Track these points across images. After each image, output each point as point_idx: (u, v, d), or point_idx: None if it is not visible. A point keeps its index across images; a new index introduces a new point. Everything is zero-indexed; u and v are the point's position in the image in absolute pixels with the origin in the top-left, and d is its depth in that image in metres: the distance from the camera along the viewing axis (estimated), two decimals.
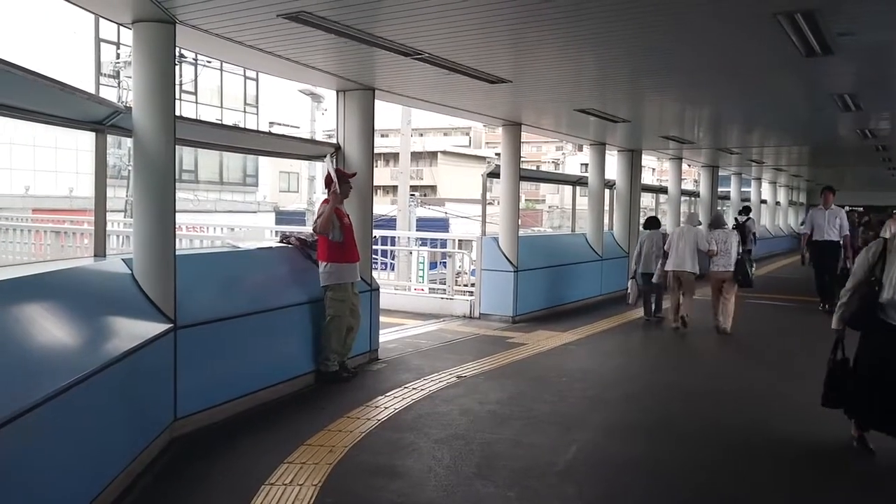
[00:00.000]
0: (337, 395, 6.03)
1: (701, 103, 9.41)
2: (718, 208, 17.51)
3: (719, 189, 19.16)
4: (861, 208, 25.21)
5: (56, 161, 27.75)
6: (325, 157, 7.47)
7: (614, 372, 7.35)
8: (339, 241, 6.40)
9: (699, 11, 4.79)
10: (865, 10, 4.66)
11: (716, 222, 9.65)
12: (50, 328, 3.65)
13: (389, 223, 18.91)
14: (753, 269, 9.71)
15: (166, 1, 4.54)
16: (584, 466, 4.65)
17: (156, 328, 4.62)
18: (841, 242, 10.96)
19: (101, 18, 6.91)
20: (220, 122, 28.11)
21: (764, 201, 24.94)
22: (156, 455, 4.51)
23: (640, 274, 10.14)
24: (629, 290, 10.26)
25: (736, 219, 15.48)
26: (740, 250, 9.25)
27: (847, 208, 29.45)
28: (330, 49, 5.87)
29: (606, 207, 13.54)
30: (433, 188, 48.37)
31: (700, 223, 10.03)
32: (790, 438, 5.27)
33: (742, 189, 22.18)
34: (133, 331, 4.44)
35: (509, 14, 4.89)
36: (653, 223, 10.43)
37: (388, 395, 6.06)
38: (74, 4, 4.78)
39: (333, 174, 6.46)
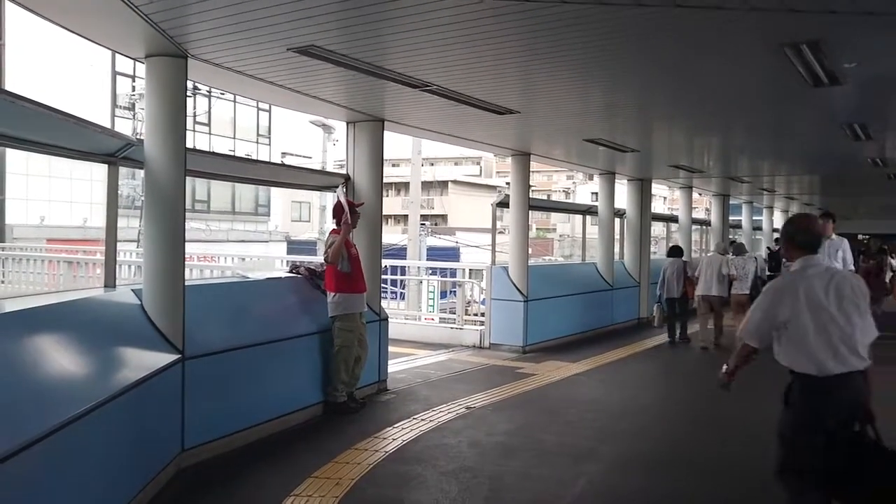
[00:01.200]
0: (345, 427, 5.99)
1: (710, 133, 9.44)
2: (739, 239, 18.36)
3: (731, 218, 19.10)
4: (868, 237, 25.07)
5: (71, 191, 28.09)
6: (335, 187, 7.54)
7: (624, 403, 7.27)
8: (346, 272, 6.41)
9: (706, 43, 4.83)
10: (870, 40, 4.68)
11: (737, 250, 10.91)
12: (59, 359, 3.67)
13: (400, 252, 18.94)
14: None
15: (179, 36, 4.63)
16: (594, 500, 4.58)
17: (164, 359, 4.62)
18: None
19: (116, 53, 7.06)
20: (232, 153, 28.44)
21: (777, 230, 24.80)
22: (163, 486, 4.48)
23: (665, 299, 10.62)
24: (655, 314, 10.93)
25: (768, 248, 15.58)
26: (759, 274, 10.20)
27: (861, 237, 29.32)
28: (339, 82, 5.95)
29: (617, 236, 13.52)
30: (444, 217, 48.50)
31: (727, 252, 10.93)
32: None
33: (753, 217, 22.10)
34: (141, 361, 4.45)
35: (517, 46, 4.95)
36: (676, 251, 11.23)
37: (396, 426, 6.02)
38: (90, 40, 4.89)
39: (345, 204, 6.50)
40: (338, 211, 6.56)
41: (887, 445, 3.34)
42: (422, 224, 21.38)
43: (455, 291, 11.65)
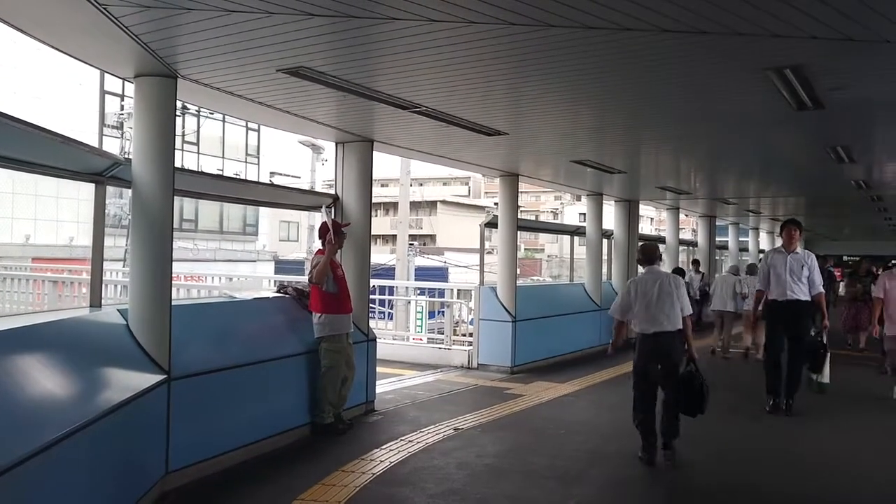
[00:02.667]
0: (332, 448, 5.94)
1: (696, 155, 9.54)
2: (727, 260, 20.36)
3: (717, 239, 19.24)
4: (858, 258, 25.26)
5: (57, 210, 27.89)
6: (325, 206, 7.53)
7: (613, 424, 7.24)
8: (332, 293, 6.39)
9: (692, 67, 4.89)
10: (853, 65, 4.76)
11: (750, 270, 11.98)
12: (42, 380, 3.62)
13: (388, 272, 18.91)
14: None
15: (168, 56, 4.64)
16: None
17: (149, 379, 4.58)
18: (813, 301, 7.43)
19: (105, 73, 7.05)
20: (221, 172, 28.39)
21: (762, 251, 24.98)
22: None
23: None
24: None
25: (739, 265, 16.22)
26: None
27: (846, 258, 29.52)
28: (329, 102, 5.97)
29: (605, 257, 13.57)
30: (432, 237, 48.51)
31: (738, 273, 12.20)
32: (796, 497, 5.17)
33: (740, 238, 22.27)
34: (126, 382, 4.40)
35: (505, 69, 5.00)
36: (678, 272, 11.59)
37: (383, 447, 5.97)
38: (79, 60, 4.89)
39: (330, 224, 6.49)
40: (323, 231, 6.55)
41: (699, 376, 5.75)
42: (410, 244, 21.37)
43: (443, 312, 11.64)
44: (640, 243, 7.51)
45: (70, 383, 3.86)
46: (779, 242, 7.95)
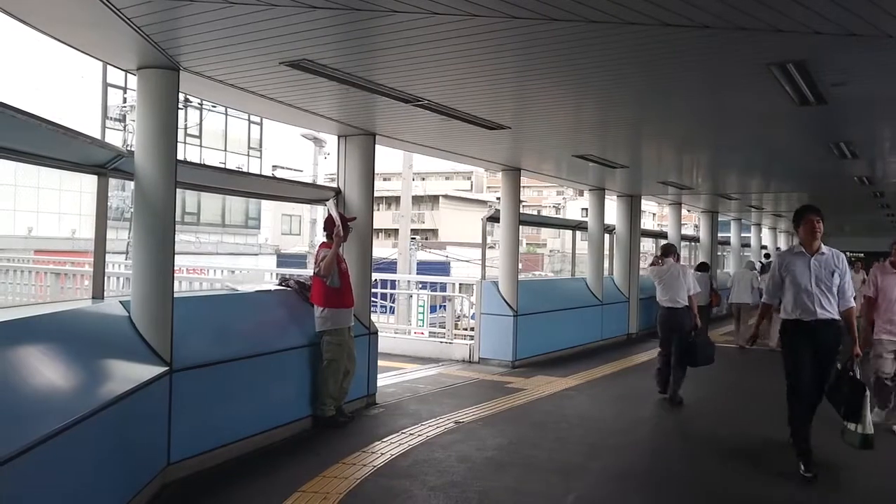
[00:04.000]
0: (333, 441, 5.96)
1: (698, 149, 9.52)
2: (728, 255, 21.54)
3: (719, 234, 19.23)
4: (862, 254, 25.23)
5: (60, 203, 27.93)
6: (326, 200, 7.54)
7: (614, 418, 7.27)
8: (336, 286, 6.40)
9: (695, 61, 4.88)
10: (856, 61, 4.75)
11: (768, 267, 12.71)
12: (43, 371, 3.64)
13: (390, 266, 18.93)
14: None
15: (171, 49, 4.64)
16: None
17: (151, 371, 4.59)
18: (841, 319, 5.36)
19: (108, 65, 7.05)
20: (223, 165, 28.41)
21: (764, 247, 24.99)
22: (148, 500, 4.44)
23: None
24: None
25: (760, 262, 16.49)
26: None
27: (849, 254, 29.54)
28: (331, 95, 5.98)
29: (606, 252, 13.57)
30: (434, 232, 48.54)
31: (755, 268, 13.44)
32: (802, 494, 5.19)
33: (742, 234, 22.25)
34: (128, 374, 4.41)
35: (508, 63, 4.99)
36: (703, 267, 12.78)
37: (384, 440, 6.00)
38: (82, 52, 4.89)
39: (337, 217, 6.50)
40: (329, 224, 6.56)
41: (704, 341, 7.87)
42: (412, 238, 21.38)
43: (445, 306, 11.64)
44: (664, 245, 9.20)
45: (72, 374, 3.87)
46: (783, 239, 7.72)
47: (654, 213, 53.17)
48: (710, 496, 5.02)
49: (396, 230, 21.19)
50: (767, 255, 20.82)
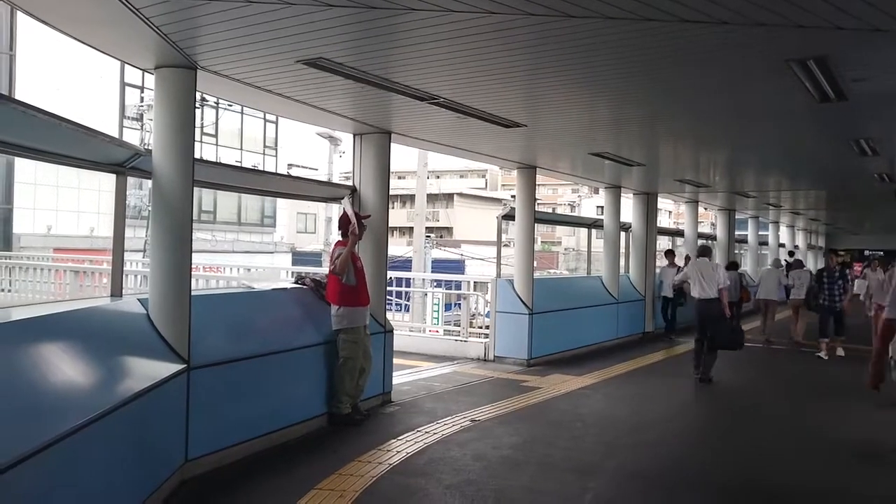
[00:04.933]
0: (349, 438, 5.97)
1: (716, 147, 9.44)
2: (744, 253, 21.67)
3: (736, 232, 19.08)
4: (882, 252, 24.91)
5: (78, 201, 28.19)
6: (341, 199, 7.55)
7: (630, 417, 7.23)
8: (352, 285, 6.41)
9: (713, 58, 4.84)
10: (878, 56, 4.68)
11: (796, 265, 13.63)
12: (64, 368, 3.67)
13: (405, 264, 18.95)
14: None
15: (188, 48, 4.67)
16: None
17: (169, 368, 4.62)
18: None
19: (126, 64, 7.09)
20: (239, 164, 28.55)
21: (782, 245, 24.77)
22: (166, 497, 4.47)
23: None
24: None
25: (785, 260, 16.50)
26: (813, 284, 11.76)
27: (868, 253, 29.18)
28: (347, 94, 5.98)
29: (622, 250, 13.51)
30: (449, 230, 48.52)
31: (781, 265, 13.86)
32: (815, 493, 5.14)
33: (759, 232, 22.07)
34: (147, 371, 4.45)
35: (523, 60, 4.97)
36: (733, 266, 13.14)
37: (400, 438, 6.00)
38: (100, 51, 4.93)
39: (352, 215, 6.51)
40: (344, 222, 6.57)
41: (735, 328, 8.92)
42: (427, 236, 21.39)
43: (460, 304, 11.64)
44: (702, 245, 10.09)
45: (92, 371, 3.91)
46: (801, 237, 7.45)
47: (671, 211, 52.84)
48: (728, 495, 4.98)
49: (411, 228, 21.19)
50: (792, 254, 20.98)
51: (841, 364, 10.48)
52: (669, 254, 14.35)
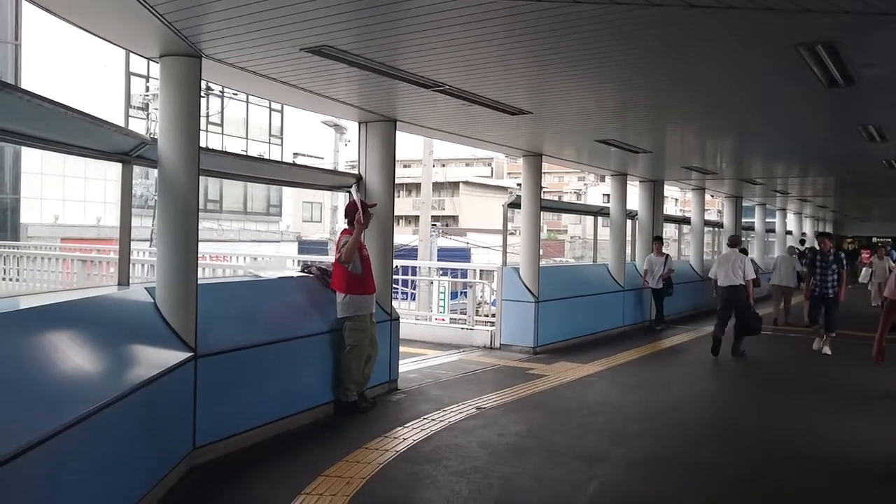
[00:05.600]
0: (355, 426, 6.00)
1: (723, 134, 9.39)
2: (751, 241, 21.09)
3: (743, 220, 19.00)
4: (890, 239, 24.80)
5: (85, 191, 28.28)
6: (347, 187, 7.56)
7: (637, 405, 7.24)
8: (357, 273, 6.41)
9: (721, 43, 4.80)
10: (886, 40, 4.64)
11: (806, 253, 14.04)
12: (72, 356, 3.69)
13: (411, 253, 18.95)
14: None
15: (193, 36, 4.66)
16: (605, 503, 4.56)
17: (176, 357, 4.65)
18: None
19: (131, 53, 7.10)
20: (244, 153, 28.56)
21: (789, 232, 24.68)
22: (174, 483, 4.50)
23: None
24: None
25: (796, 248, 16.69)
26: (804, 269, 11.92)
27: (876, 240, 29.02)
28: (352, 81, 5.97)
29: (629, 238, 13.47)
30: (455, 218, 48.50)
31: (796, 252, 14.20)
32: (820, 478, 5.14)
33: (766, 220, 21.98)
34: (154, 359, 4.47)
35: (529, 46, 4.95)
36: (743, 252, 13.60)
37: (406, 426, 6.02)
38: (105, 39, 4.93)
39: (359, 204, 6.51)
40: (350, 210, 6.57)
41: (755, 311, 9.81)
42: (433, 225, 21.38)
43: (466, 292, 11.65)
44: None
45: (100, 359, 3.93)
46: (808, 224, 7.37)
47: (677, 199, 52.66)
48: (735, 484, 4.99)
49: (417, 217, 21.15)
50: (803, 242, 21.30)
51: (839, 352, 10.46)
52: (657, 241, 13.02)
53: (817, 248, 10.71)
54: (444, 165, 51.01)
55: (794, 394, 7.90)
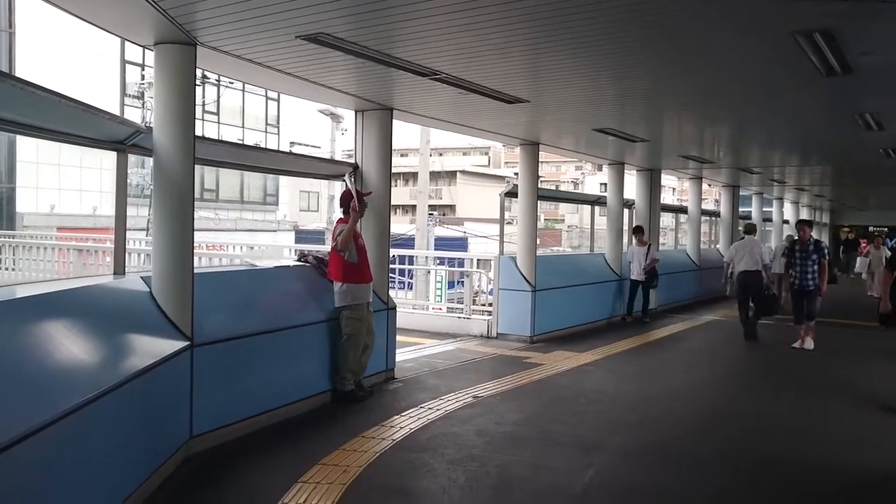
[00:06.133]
0: (352, 415, 6.01)
1: (720, 122, 9.37)
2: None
3: (741, 209, 19.00)
4: (886, 228, 24.85)
5: (81, 180, 28.19)
6: (343, 176, 7.53)
7: (633, 394, 7.26)
8: (353, 262, 6.41)
9: (718, 30, 4.78)
10: (885, 29, 4.62)
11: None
12: (68, 345, 3.68)
13: (408, 242, 18.93)
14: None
15: (187, 23, 4.62)
16: (602, 491, 4.58)
17: (173, 346, 4.64)
18: None
19: (125, 41, 7.05)
20: (241, 141, 28.46)
21: (786, 221, 24.71)
22: (171, 472, 4.51)
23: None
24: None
25: (790, 236, 16.49)
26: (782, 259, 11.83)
27: (872, 229, 29.07)
28: (348, 70, 5.93)
29: (626, 227, 13.47)
30: (452, 207, 48.46)
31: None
32: (817, 468, 5.17)
33: (764, 209, 21.98)
34: (150, 348, 4.47)
35: (526, 35, 4.92)
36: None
37: (403, 414, 6.03)
38: (100, 27, 4.89)
39: (354, 192, 6.50)
40: (345, 199, 6.55)
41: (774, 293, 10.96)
42: (430, 214, 21.34)
43: (463, 281, 11.65)
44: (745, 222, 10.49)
45: (96, 348, 3.92)
46: (805, 213, 7.46)
47: (674, 188, 52.64)
48: (733, 473, 5.01)
49: (414, 206, 21.11)
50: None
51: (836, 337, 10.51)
52: (638, 231, 12.32)
53: (796, 237, 10.05)
54: (441, 154, 50.86)
55: (791, 384, 7.93)
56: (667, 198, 42.60)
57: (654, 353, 9.69)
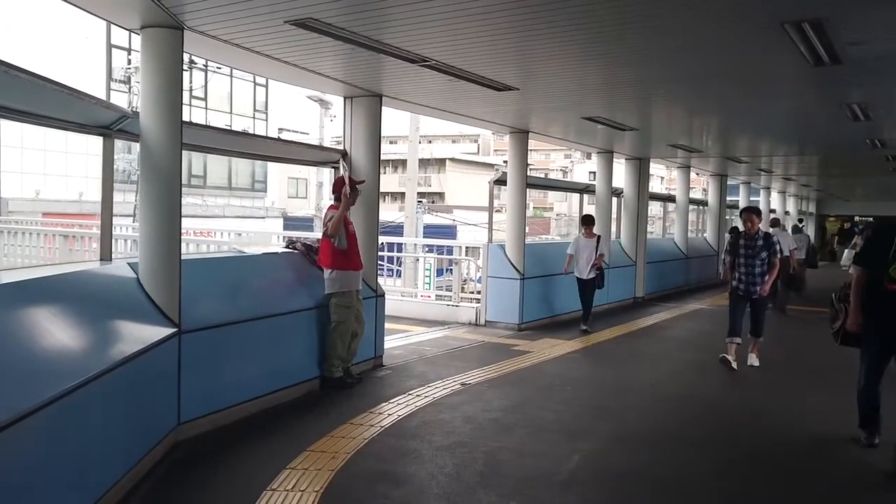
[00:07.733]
0: (341, 401, 6.02)
1: (708, 111, 9.39)
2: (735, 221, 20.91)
3: (728, 198, 19.10)
4: (872, 219, 25.03)
5: (66, 165, 27.91)
6: (332, 162, 7.51)
7: (620, 381, 7.31)
8: (343, 249, 6.40)
9: (707, 19, 4.78)
10: (875, 19, 4.64)
11: (795, 230, 15.30)
12: (54, 331, 3.66)
13: (397, 230, 18.91)
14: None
15: (174, 7, 4.57)
16: (588, 476, 4.62)
17: (160, 332, 4.62)
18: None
19: (111, 24, 6.97)
20: (228, 127, 28.24)
21: (773, 210, 24.85)
22: (159, 459, 4.51)
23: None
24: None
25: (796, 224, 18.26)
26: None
27: (858, 219, 29.27)
28: (337, 55, 5.89)
29: (614, 216, 13.51)
30: (441, 195, 48.38)
31: (801, 229, 15.93)
32: (801, 449, 5.23)
33: (751, 198, 22.11)
34: (137, 335, 4.45)
35: (516, 22, 4.90)
36: (795, 230, 15.35)
37: (391, 401, 6.05)
38: (84, 10, 4.82)
39: (347, 179, 6.48)
40: (338, 185, 6.54)
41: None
42: (419, 201, 21.30)
43: (451, 269, 11.66)
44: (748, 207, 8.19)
45: (82, 335, 3.90)
46: (792, 203, 7.22)
47: (663, 177, 52.80)
48: (716, 458, 5.06)
49: (403, 193, 21.04)
50: (801, 220, 22.64)
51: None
52: (587, 221, 10.22)
53: (741, 228, 7.82)
54: (430, 142, 50.76)
55: (779, 370, 7.99)
56: (655, 186, 42.74)
57: (641, 340, 9.75)
